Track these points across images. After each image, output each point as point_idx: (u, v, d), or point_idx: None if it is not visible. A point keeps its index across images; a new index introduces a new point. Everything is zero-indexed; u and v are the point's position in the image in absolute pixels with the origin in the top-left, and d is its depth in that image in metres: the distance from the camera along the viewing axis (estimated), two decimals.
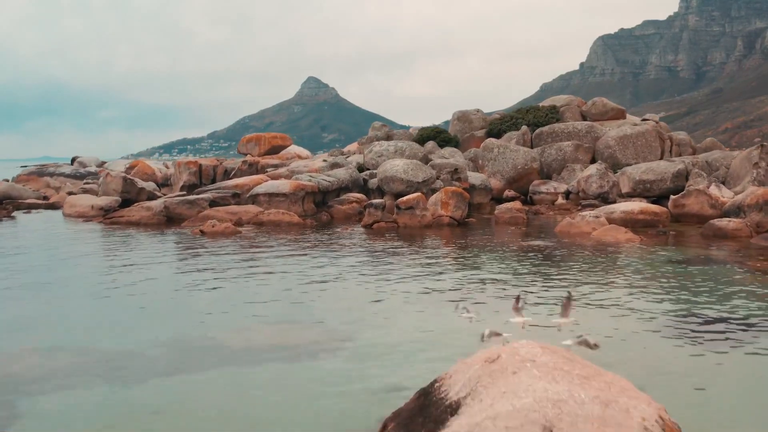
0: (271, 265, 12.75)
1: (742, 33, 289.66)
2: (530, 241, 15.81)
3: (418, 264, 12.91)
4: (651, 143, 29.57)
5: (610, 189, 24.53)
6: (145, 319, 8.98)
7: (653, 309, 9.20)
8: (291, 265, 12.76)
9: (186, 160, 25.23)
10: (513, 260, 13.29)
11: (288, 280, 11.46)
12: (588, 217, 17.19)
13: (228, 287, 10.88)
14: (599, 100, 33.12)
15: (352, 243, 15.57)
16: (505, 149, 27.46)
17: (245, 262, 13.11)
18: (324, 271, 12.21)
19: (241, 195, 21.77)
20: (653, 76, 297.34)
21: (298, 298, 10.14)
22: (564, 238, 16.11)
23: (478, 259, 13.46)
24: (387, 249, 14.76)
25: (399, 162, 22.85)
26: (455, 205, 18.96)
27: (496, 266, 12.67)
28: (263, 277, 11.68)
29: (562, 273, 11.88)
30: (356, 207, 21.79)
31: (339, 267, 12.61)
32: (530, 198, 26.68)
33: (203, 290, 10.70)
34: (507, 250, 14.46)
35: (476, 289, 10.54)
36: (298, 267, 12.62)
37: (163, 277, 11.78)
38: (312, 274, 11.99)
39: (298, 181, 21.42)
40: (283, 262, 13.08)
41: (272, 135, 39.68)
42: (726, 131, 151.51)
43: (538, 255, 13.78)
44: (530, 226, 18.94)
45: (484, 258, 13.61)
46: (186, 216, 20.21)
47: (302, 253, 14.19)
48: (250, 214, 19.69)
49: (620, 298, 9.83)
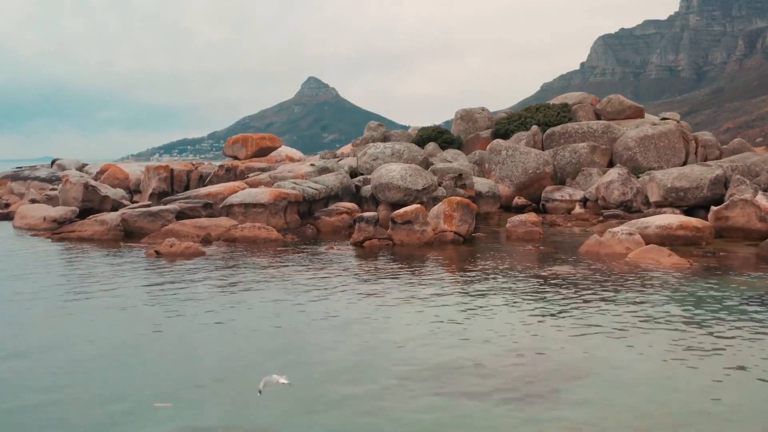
0: (225, 308, 9.94)
1: (743, 32, 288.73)
2: (552, 265, 12.99)
3: (416, 302, 10.10)
4: (674, 144, 26.78)
5: (633, 196, 21.73)
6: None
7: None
8: (250, 311, 9.96)
9: (155, 165, 22.38)
10: (535, 297, 10.48)
11: (242, 339, 8.67)
12: (620, 234, 14.38)
13: (156, 350, 8.07)
14: (615, 98, 30.33)
15: (336, 269, 12.75)
16: (514, 151, 24.65)
17: (197, 302, 10.29)
18: (289, 322, 9.40)
19: (214, 205, 18.96)
20: (654, 75, 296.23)
21: (251, 366, 7.34)
22: (593, 261, 13.30)
23: (492, 296, 10.63)
24: (378, 278, 11.94)
25: (395, 167, 20.04)
26: (461, 219, 16.16)
27: (515, 308, 9.85)
28: (210, 332, 8.87)
29: (609, 324, 9.07)
30: (346, 219, 18.98)
31: (311, 312, 9.79)
32: (542, 206, 23.88)
33: (120, 358, 7.90)
34: (526, 281, 11.65)
35: (493, 345, 7.76)
36: (257, 313, 9.82)
37: (72, 334, 8.97)
38: (274, 324, 9.19)
39: (280, 189, 18.60)
40: (244, 303, 10.27)
41: (260, 136, 36.81)
42: (728, 131, 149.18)
43: (566, 288, 10.97)
44: (548, 243, 16.13)
45: (498, 294, 10.79)
46: (147, 230, 17.40)
47: (269, 286, 11.36)
48: (221, 229, 16.87)
49: (713, 371, 7.02)
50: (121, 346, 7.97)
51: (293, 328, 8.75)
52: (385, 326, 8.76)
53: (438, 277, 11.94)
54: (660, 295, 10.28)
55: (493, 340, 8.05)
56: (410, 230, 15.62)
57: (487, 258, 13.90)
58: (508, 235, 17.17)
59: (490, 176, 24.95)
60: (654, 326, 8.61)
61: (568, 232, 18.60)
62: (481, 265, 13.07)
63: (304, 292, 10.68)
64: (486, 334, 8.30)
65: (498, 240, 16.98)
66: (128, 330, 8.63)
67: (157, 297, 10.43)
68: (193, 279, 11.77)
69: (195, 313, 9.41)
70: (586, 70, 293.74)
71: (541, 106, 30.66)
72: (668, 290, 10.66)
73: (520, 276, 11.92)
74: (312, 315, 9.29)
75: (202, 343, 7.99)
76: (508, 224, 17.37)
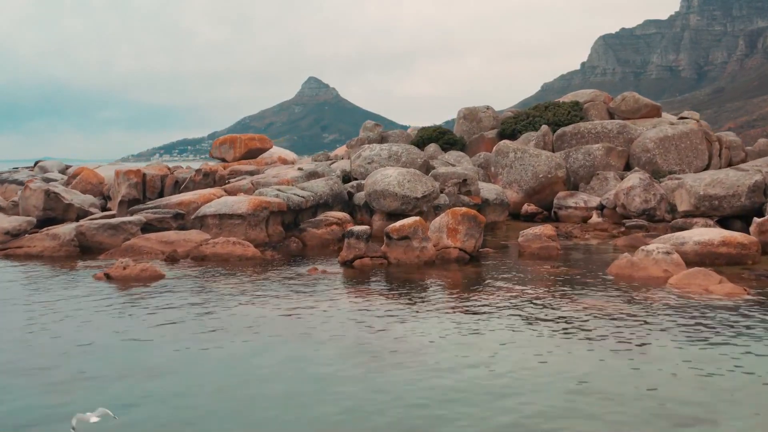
0: (167, 361, 7.72)
1: (744, 32, 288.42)
2: (580, 293, 10.77)
3: (415, 358, 7.87)
4: (697, 146, 24.59)
5: (657, 204, 19.54)
6: None
7: None
8: (200, 367, 7.73)
9: (125, 169, 20.14)
10: (561, 343, 8.25)
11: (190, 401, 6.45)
12: (655, 253, 12.16)
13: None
14: (630, 95, 28.14)
15: (317, 301, 10.51)
16: (523, 153, 22.43)
17: (137, 352, 8.07)
18: (248, 391, 7.17)
19: (187, 216, 16.73)
20: (654, 75, 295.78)
21: None
22: (627, 288, 11.07)
23: (508, 344, 8.41)
24: (370, 314, 9.71)
25: (392, 172, 17.82)
26: (467, 233, 13.93)
27: (534, 359, 7.63)
28: (141, 395, 6.65)
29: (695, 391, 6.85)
30: (336, 231, 16.76)
31: (278, 375, 7.57)
32: (554, 213, 21.68)
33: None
34: (547, 316, 9.42)
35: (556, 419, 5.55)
36: (209, 372, 7.60)
37: None
38: (226, 389, 6.96)
39: (260, 198, 16.37)
40: (193, 351, 8.05)
41: (249, 137, 34.58)
42: (729, 131, 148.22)
43: (601, 329, 8.74)
44: (569, 262, 13.90)
45: (514, 337, 8.56)
46: (107, 246, 15.16)
47: (230, 329, 9.14)
48: (189, 245, 14.63)
49: None
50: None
51: (251, 398, 6.52)
52: (378, 386, 6.55)
53: (444, 313, 9.70)
54: (729, 338, 8.06)
55: (548, 410, 5.83)
56: (408, 247, 13.39)
57: (500, 283, 11.67)
58: (520, 251, 14.95)
59: (496, 181, 22.74)
60: (744, 385, 6.40)
61: (587, 247, 16.38)
62: (493, 293, 10.83)
63: (272, 338, 8.44)
64: (529, 402, 6.08)
65: (509, 257, 14.75)
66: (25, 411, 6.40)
67: (81, 348, 8.21)
68: (137, 316, 9.54)
69: (127, 370, 7.20)
70: (587, 70, 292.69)
71: (551, 104, 28.45)
72: (736, 331, 8.43)
73: (546, 311, 9.69)
74: (281, 378, 7.06)
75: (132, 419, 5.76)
76: (521, 238, 15.14)
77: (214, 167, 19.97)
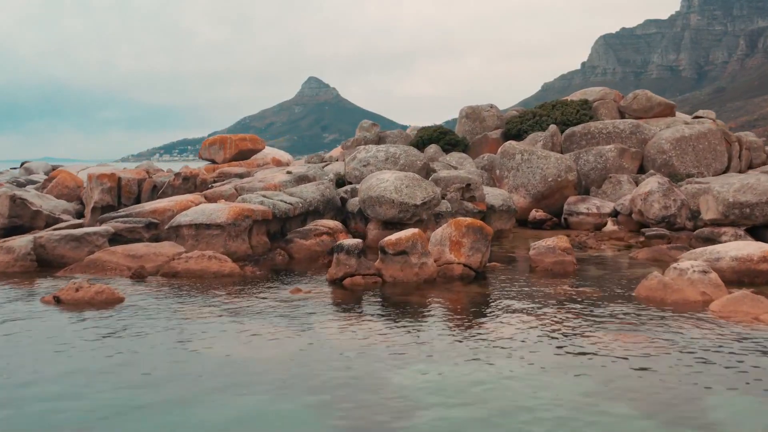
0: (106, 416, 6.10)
1: (745, 32, 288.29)
2: (606, 325, 9.16)
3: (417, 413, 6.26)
4: (716, 147, 23.02)
5: (677, 210, 17.94)
6: None
7: None
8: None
9: (98, 173, 18.49)
10: (597, 402, 6.65)
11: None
12: (690, 272, 10.54)
13: None
14: (642, 93, 26.53)
15: (295, 332, 8.88)
16: (530, 155, 20.81)
17: (71, 413, 6.46)
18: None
19: (161, 225, 15.10)
20: (655, 75, 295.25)
21: None
22: (660, 315, 9.46)
23: (528, 398, 6.80)
24: (355, 349, 8.10)
25: (389, 176, 16.20)
26: (472, 246, 12.31)
27: (570, 422, 6.02)
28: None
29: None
30: (327, 241, 15.15)
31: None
32: (564, 220, 20.08)
33: None
34: (575, 361, 7.81)
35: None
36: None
37: None
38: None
39: (242, 205, 14.74)
40: (117, 409, 6.43)
41: (240, 137, 32.97)
42: (729, 131, 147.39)
43: (643, 379, 7.14)
44: (588, 280, 12.29)
45: (537, 391, 6.95)
46: (70, 260, 13.52)
47: (189, 371, 7.52)
48: (160, 259, 13.00)
49: None
50: None
51: None
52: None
53: (448, 354, 8.09)
54: None
55: None
56: (405, 263, 11.77)
57: (513, 310, 10.04)
58: (532, 265, 13.33)
59: (501, 185, 21.13)
60: None
61: (604, 259, 14.77)
62: (506, 323, 9.21)
63: (223, 390, 6.82)
64: None
65: (519, 273, 13.12)
66: None
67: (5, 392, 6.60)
68: (70, 355, 7.92)
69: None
70: (587, 70, 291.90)
71: (558, 102, 26.84)
72: None
73: (572, 348, 8.07)
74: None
75: None
76: (532, 251, 13.51)
77: (195, 171, 18.33)
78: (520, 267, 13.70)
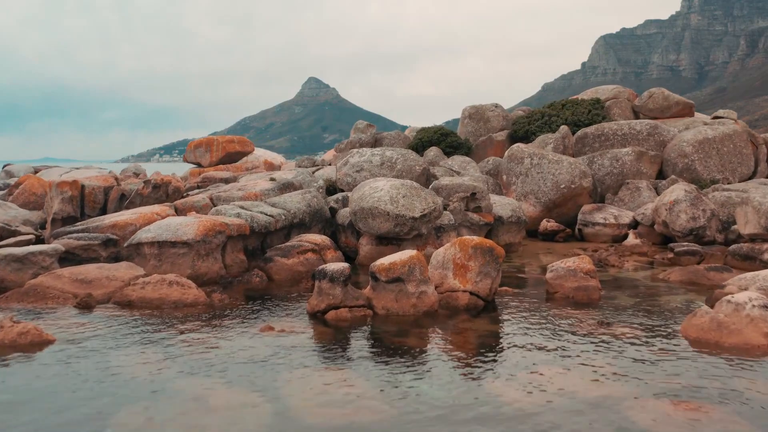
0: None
1: (745, 32, 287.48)
2: (650, 381, 7.23)
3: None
4: (741, 150, 21.09)
5: (707, 222, 16.03)
6: None
7: None
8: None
9: (59, 180, 16.55)
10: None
11: None
12: (749, 307, 8.61)
13: None
14: (659, 92, 24.62)
15: (259, 392, 6.94)
16: (541, 159, 18.88)
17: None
18: None
19: (121, 242, 13.15)
20: (655, 75, 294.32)
21: None
22: (718, 365, 7.53)
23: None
24: (334, 415, 6.16)
25: (383, 184, 14.26)
26: (480, 271, 10.37)
27: None
28: None
29: None
30: (312, 259, 13.22)
31: None
32: (579, 231, 18.17)
33: None
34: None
35: None
36: None
37: None
38: None
39: (215, 219, 12.78)
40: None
41: (227, 139, 31.10)
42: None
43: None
44: (618, 311, 10.34)
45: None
46: (11, 284, 11.56)
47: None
48: (113, 285, 11.05)
49: None
50: None
51: None
52: None
53: (456, 425, 6.15)
54: None
55: None
56: (401, 292, 9.82)
57: (531, 356, 8.09)
58: (549, 290, 11.39)
59: (508, 192, 19.21)
60: None
61: (632, 282, 12.82)
62: (525, 382, 7.26)
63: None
64: None
65: (535, 300, 11.16)
66: None
67: None
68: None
69: None
70: (588, 70, 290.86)
71: (569, 101, 24.91)
72: None
73: (620, 420, 6.14)
74: None
75: None
76: (550, 273, 11.57)
77: (168, 177, 16.36)
78: (536, 293, 11.74)
